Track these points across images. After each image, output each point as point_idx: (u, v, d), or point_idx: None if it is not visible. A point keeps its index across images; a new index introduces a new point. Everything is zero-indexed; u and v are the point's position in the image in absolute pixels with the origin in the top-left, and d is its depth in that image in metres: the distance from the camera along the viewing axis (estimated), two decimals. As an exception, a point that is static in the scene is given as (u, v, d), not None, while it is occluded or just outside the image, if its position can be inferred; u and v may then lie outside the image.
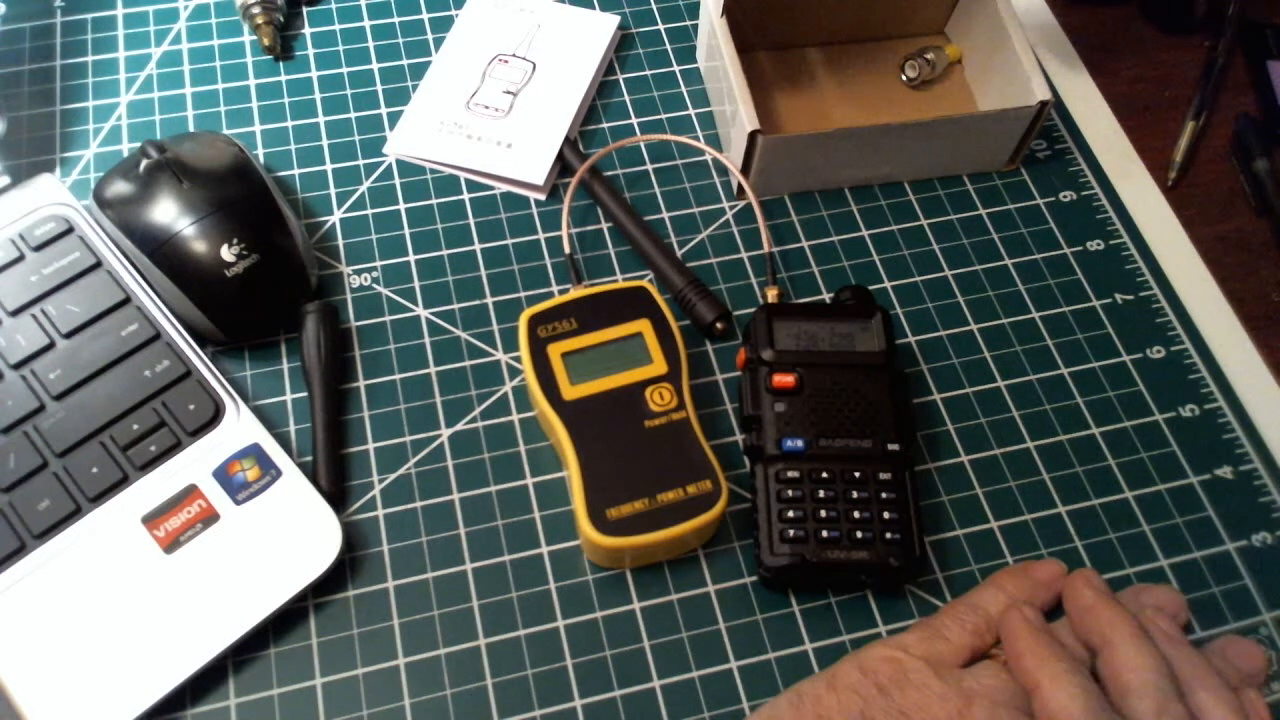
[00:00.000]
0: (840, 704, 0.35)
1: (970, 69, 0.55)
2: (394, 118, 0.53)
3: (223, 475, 0.41)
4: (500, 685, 0.39)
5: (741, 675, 0.40)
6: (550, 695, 0.39)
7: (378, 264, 0.48)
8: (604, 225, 0.50)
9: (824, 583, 0.41)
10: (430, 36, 0.56)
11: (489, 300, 0.48)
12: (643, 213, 0.50)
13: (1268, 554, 0.43)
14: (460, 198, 0.50)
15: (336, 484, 0.42)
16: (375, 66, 0.54)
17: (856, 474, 0.41)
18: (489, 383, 0.45)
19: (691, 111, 0.54)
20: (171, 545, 0.40)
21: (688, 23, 0.57)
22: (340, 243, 0.49)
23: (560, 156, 0.51)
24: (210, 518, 0.40)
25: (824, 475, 0.41)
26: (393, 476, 0.43)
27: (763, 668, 0.40)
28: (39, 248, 0.44)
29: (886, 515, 0.40)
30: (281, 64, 0.54)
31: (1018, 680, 0.35)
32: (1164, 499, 0.44)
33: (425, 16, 0.56)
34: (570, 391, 0.41)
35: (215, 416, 0.42)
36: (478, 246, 0.49)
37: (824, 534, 0.40)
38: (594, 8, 0.57)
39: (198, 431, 0.42)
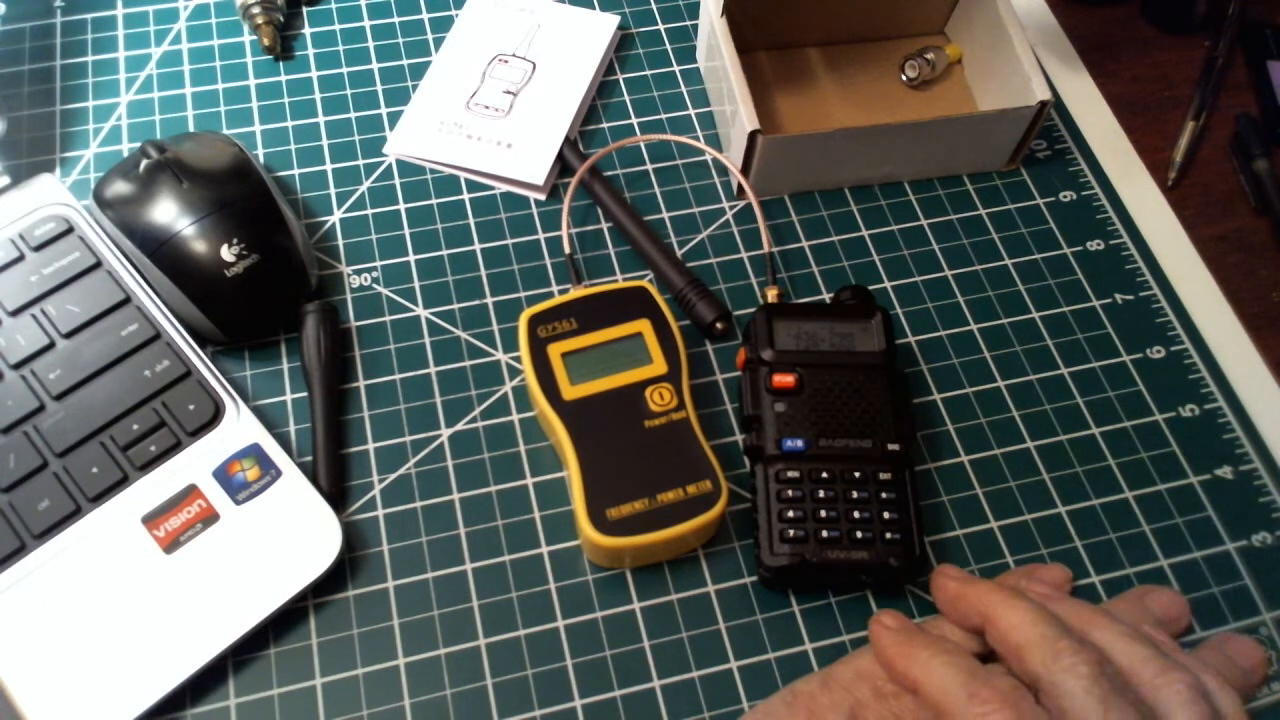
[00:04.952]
0: (833, 702, 0.35)
1: (970, 69, 0.55)
2: (394, 118, 0.53)
3: (223, 475, 0.41)
4: (500, 685, 0.39)
5: (741, 675, 0.40)
6: (550, 695, 0.39)
7: (378, 264, 0.48)
8: (604, 225, 0.50)
9: (824, 583, 0.41)
10: (430, 36, 0.56)
11: (489, 300, 0.48)
12: (643, 213, 0.50)
13: (1268, 554, 0.43)
14: (460, 198, 0.50)
15: (336, 484, 0.42)
16: (375, 66, 0.54)
17: (856, 474, 0.41)
18: (489, 383, 0.45)
19: (691, 111, 0.54)
20: (171, 545, 0.40)
21: (688, 23, 0.57)
22: (340, 243, 0.49)
23: (560, 156, 0.51)
24: (210, 518, 0.40)
25: (824, 475, 0.41)
26: (393, 476, 0.43)
27: (763, 668, 0.40)
28: (39, 248, 0.44)
29: (886, 515, 0.40)
30: (281, 64, 0.54)
31: (901, 685, 0.35)
32: (1164, 499, 0.44)
33: (425, 16, 0.56)
34: (570, 391, 0.41)
35: (215, 416, 0.42)
36: (478, 246, 0.49)
37: (824, 534, 0.40)
38: (594, 8, 0.57)
39: (198, 431, 0.42)
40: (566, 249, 0.47)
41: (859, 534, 0.40)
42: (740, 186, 0.50)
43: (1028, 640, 0.33)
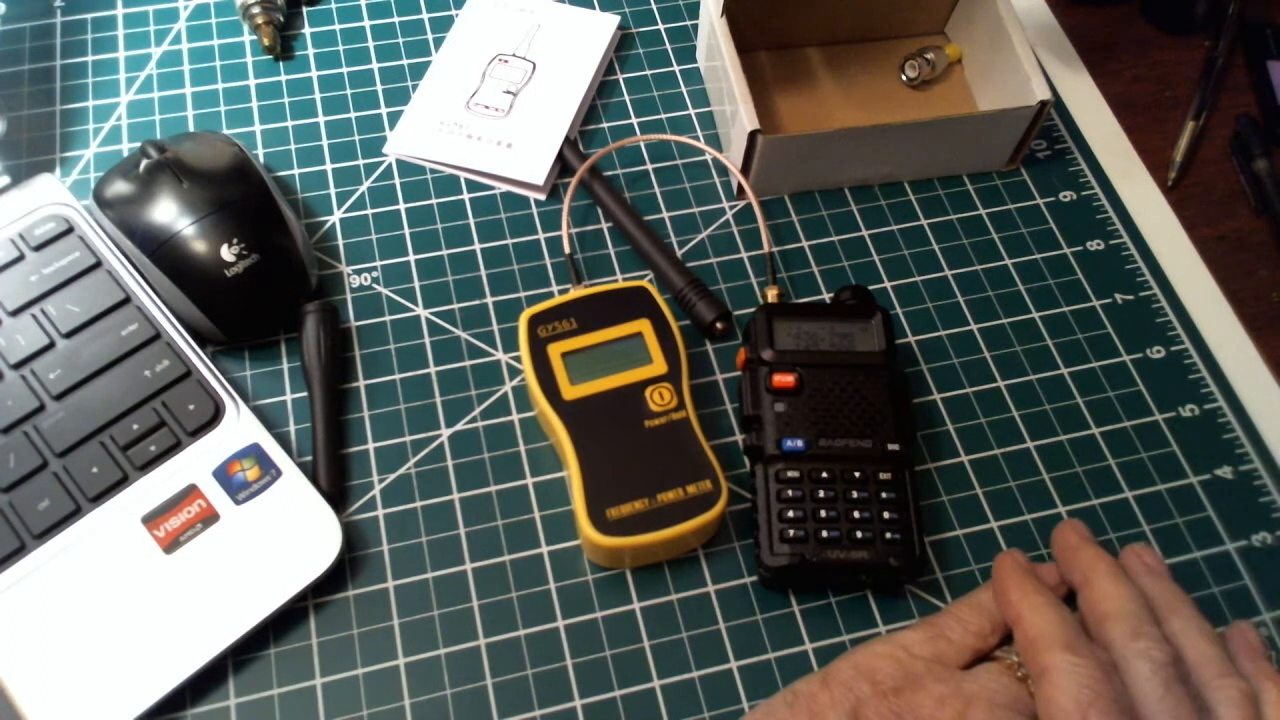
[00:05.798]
0: (833, 700, 0.35)
1: (970, 69, 0.55)
2: (394, 118, 0.53)
3: (223, 475, 0.41)
4: (500, 685, 0.39)
5: (741, 675, 0.40)
6: (550, 695, 0.39)
7: (378, 264, 0.48)
8: (604, 225, 0.50)
9: (824, 583, 0.41)
10: (430, 36, 0.56)
11: (489, 300, 0.48)
12: (643, 213, 0.50)
13: (1268, 554, 0.43)
14: (460, 198, 0.50)
15: (336, 484, 0.42)
16: (375, 66, 0.54)
17: (856, 474, 0.41)
18: (489, 383, 0.45)
19: (691, 111, 0.54)
20: (171, 545, 0.40)
21: (688, 23, 0.57)
22: (340, 243, 0.49)
23: (560, 156, 0.51)
24: (210, 518, 0.40)
25: (824, 475, 0.41)
26: (393, 476, 0.43)
27: (763, 668, 0.40)
28: (39, 248, 0.44)
29: (886, 515, 0.40)
30: (281, 64, 0.54)
31: (1005, 613, 0.37)
32: (1164, 499, 0.44)
33: (425, 16, 0.56)
34: (570, 391, 0.41)
35: (215, 416, 0.42)
36: (478, 246, 0.49)
37: (824, 534, 0.40)
38: (594, 8, 0.57)
39: (198, 431, 0.42)
40: (566, 249, 0.47)
41: (859, 534, 0.40)
42: (740, 186, 0.50)
43: (1116, 612, 0.36)
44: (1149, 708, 0.34)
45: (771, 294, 0.46)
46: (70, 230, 0.45)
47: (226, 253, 0.44)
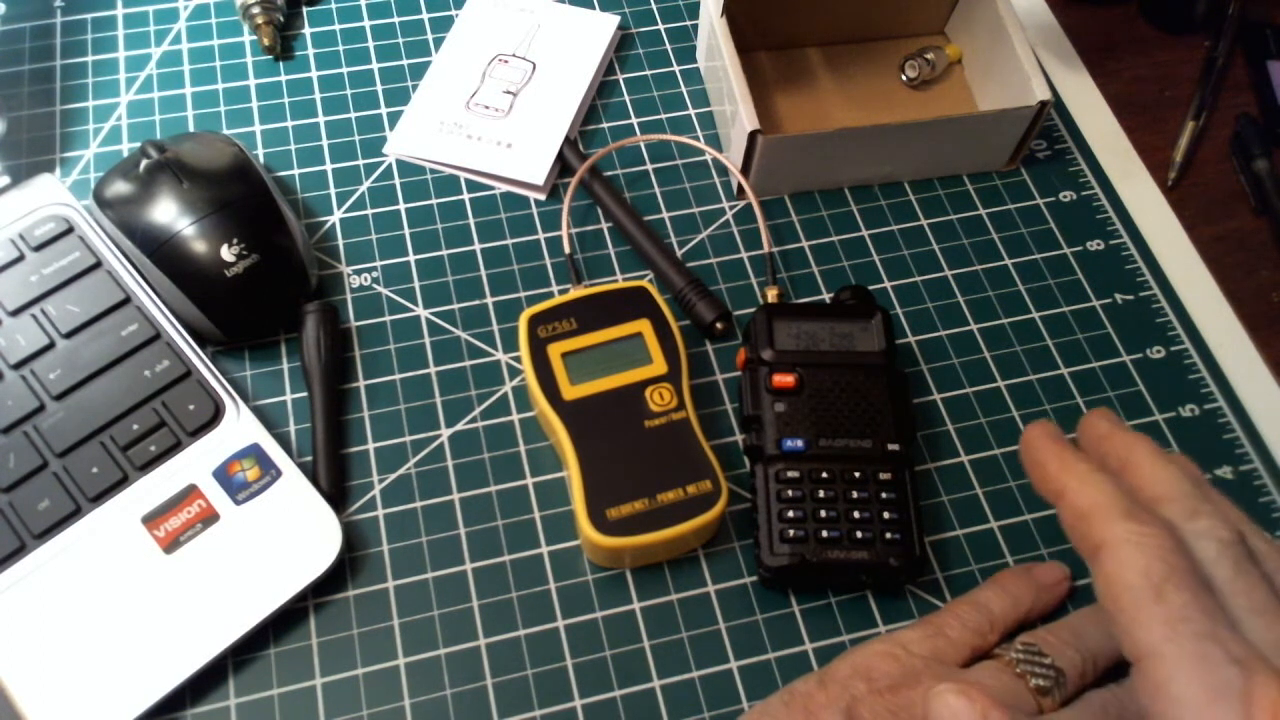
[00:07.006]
0: (829, 698, 0.35)
1: (970, 69, 0.55)
2: (394, 118, 0.53)
3: (223, 475, 0.41)
4: (500, 685, 0.39)
5: (741, 675, 0.40)
6: (550, 695, 0.39)
7: (378, 264, 0.48)
8: (604, 225, 0.50)
9: (824, 583, 0.41)
10: (430, 36, 0.56)
11: (489, 300, 0.48)
12: (643, 213, 0.50)
13: (1268, 554, 0.43)
14: (460, 198, 0.50)
15: (336, 484, 0.42)
16: (375, 66, 0.54)
17: (856, 474, 0.41)
18: (489, 383, 0.45)
19: (691, 111, 0.54)
20: (171, 545, 0.40)
21: (688, 23, 0.57)
22: (340, 243, 0.49)
23: (560, 156, 0.51)
24: (210, 518, 0.40)
25: (824, 475, 0.41)
26: (393, 476, 0.43)
27: (763, 668, 0.40)
28: (39, 248, 0.44)
29: (886, 515, 0.40)
30: (281, 64, 0.54)
31: (1043, 489, 0.33)
32: (1164, 499, 0.44)
33: (425, 16, 0.56)
34: (570, 391, 0.41)
35: (215, 416, 0.42)
36: (478, 246, 0.49)
37: (824, 534, 0.40)
38: (594, 8, 0.57)
39: (198, 431, 0.42)
40: (566, 249, 0.47)
41: (859, 534, 0.40)
42: (740, 186, 0.50)
43: (1167, 494, 0.31)
44: (1220, 590, 0.29)
45: (771, 294, 0.46)
46: (70, 230, 0.45)
47: (226, 253, 0.44)
